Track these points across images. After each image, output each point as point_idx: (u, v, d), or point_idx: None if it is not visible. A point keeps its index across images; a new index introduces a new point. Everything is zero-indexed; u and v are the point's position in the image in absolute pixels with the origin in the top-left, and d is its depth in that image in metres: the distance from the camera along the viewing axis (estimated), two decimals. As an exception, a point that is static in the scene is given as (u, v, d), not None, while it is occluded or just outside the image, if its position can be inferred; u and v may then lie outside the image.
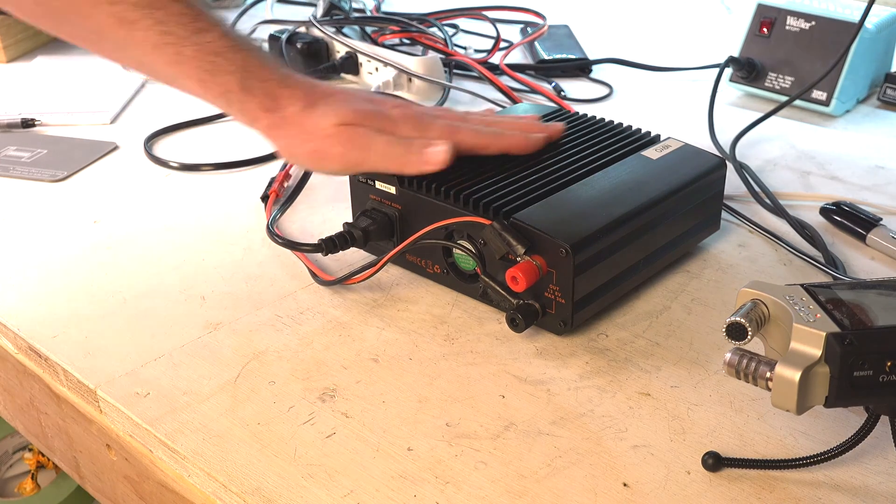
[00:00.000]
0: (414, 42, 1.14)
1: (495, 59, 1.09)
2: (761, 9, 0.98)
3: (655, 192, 0.65)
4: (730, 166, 0.83)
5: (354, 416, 0.54)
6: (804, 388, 0.45)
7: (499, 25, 1.17)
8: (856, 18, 0.90)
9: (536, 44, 1.13)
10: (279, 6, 1.29)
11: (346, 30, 1.13)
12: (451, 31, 1.21)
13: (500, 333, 0.61)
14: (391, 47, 1.08)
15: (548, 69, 1.08)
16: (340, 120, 0.64)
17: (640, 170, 0.67)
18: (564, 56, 1.10)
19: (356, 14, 1.22)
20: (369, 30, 1.15)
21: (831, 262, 0.68)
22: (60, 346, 0.61)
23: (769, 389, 0.46)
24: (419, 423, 0.53)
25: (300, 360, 0.59)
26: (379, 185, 0.66)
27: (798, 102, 0.95)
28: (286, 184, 0.80)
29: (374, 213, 0.66)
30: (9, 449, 1.26)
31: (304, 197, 0.79)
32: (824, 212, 0.75)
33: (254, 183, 0.83)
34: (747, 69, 0.98)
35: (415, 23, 1.14)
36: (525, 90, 1.02)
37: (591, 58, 1.10)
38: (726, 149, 0.86)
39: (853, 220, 0.73)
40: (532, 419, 0.54)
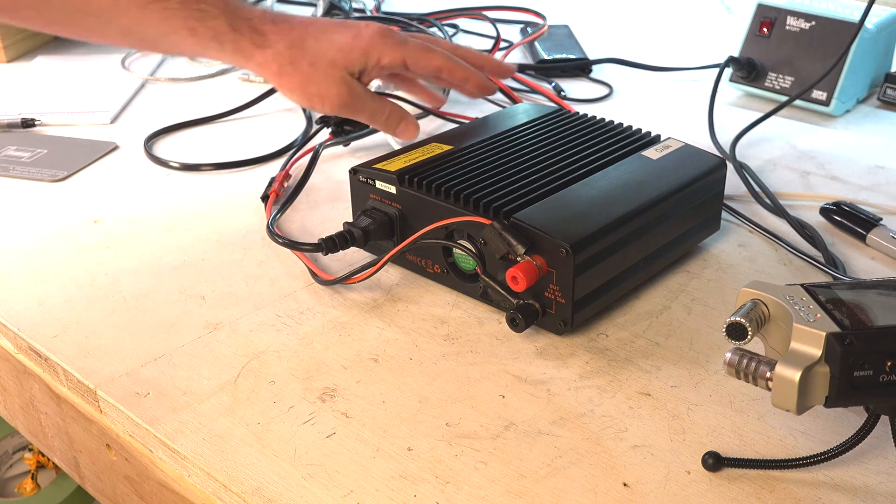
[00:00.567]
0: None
1: (501, 59, 1.08)
2: (761, 9, 0.98)
3: (655, 192, 0.65)
4: (730, 166, 0.83)
5: (354, 416, 0.54)
6: (804, 388, 0.45)
7: (499, 25, 1.17)
8: (856, 18, 0.90)
9: (536, 44, 1.13)
10: (279, 6, 1.29)
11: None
12: (451, 31, 1.21)
13: (500, 333, 0.61)
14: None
15: (548, 69, 1.08)
16: (332, 62, 0.69)
17: (640, 170, 0.67)
18: (564, 56, 1.10)
19: (356, 14, 1.22)
20: None
21: (831, 262, 0.68)
22: (60, 346, 0.61)
23: (769, 389, 0.46)
24: (419, 423, 0.53)
25: (300, 360, 0.59)
26: (379, 184, 0.66)
27: (798, 102, 0.95)
28: (286, 184, 0.80)
29: (375, 212, 0.66)
30: (9, 449, 1.26)
31: (304, 196, 0.79)
32: (824, 212, 0.75)
33: (254, 183, 0.83)
34: (747, 69, 0.98)
35: (415, 23, 1.14)
36: (525, 90, 1.02)
37: (591, 58, 1.10)
38: (726, 149, 0.86)
39: (853, 220, 0.73)
40: (532, 419, 0.54)
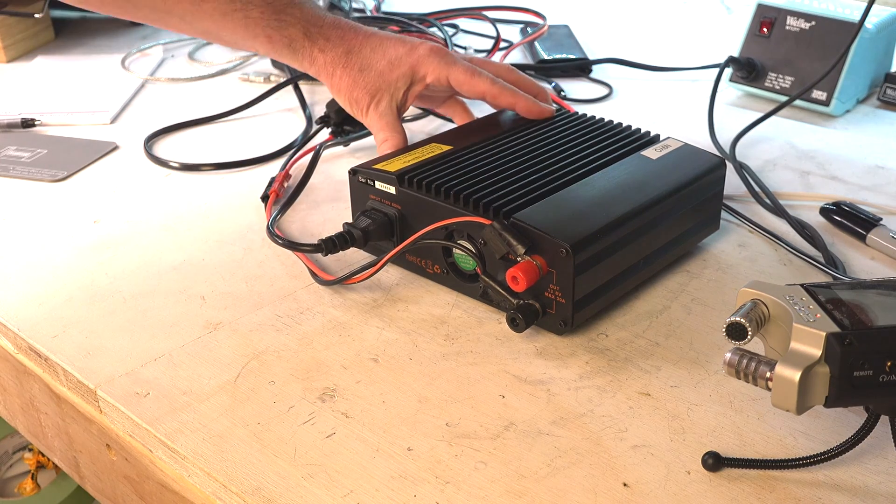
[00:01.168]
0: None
1: (496, 59, 1.09)
2: (761, 9, 0.98)
3: (655, 192, 0.65)
4: (729, 166, 0.83)
5: (354, 416, 0.54)
6: (804, 388, 0.45)
7: (499, 26, 1.17)
8: (856, 18, 0.90)
9: (536, 44, 1.13)
10: None
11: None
12: (451, 31, 1.21)
13: (500, 333, 0.61)
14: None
15: (548, 69, 1.08)
16: (380, 73, 0.74)
17: (639, 170, 0.67)
18: (564, 56, 1.10)
19: (356, 14, 1.22)
20: None
21: (831, 261, 0.68)
22: (60, 346, 0.61)
23: (769, 389, 0.46)
24: (419, 423, 0.53)
25: (300, 360, 0.59)
26: (378, 184, 0.66)
27: (798, 102, 0.95)
28: (286, 184, 0.80)
29: (374, 213, 0.66)
30: (9, 449, 1.26)
31: (305, 196, 0.79)
32: (824, 212, 0.75)
33: (254, 183, 0.83)
34: (747, 69, 0.98)
35: (415, 23, 1.14)
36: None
37: (591, 58, 1.10)
38: (726, 149, 0.86)
39: (853, 220, 0.73)
40: (532, 419, 0.54)
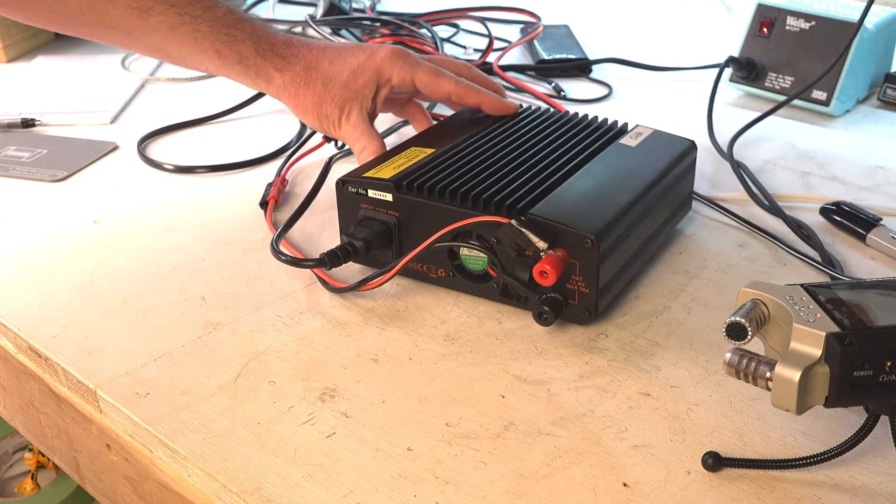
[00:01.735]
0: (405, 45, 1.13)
1: (496, 59, 1.08)
2: (761, 9, 0.98)
3: (649, 176, 0.67)
4: (727, 165, 0.84)
5: (354, 416, 0.54)
6: (804, 388, 0.45)
7: (499, 26, 1.17)
8: (856, 18, 0.90)
9: (536, 44, 1.13)
10: (280, 6, 1.28)
11: (345, 31, 1.13)
12: (451, 30, 1.21)
13: (500, 333, 0.61)
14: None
15: (548, 69, 1.08)
16: (344, 84, 0.73)
17: (626, 157, 0.69)
18: (564, 56, 1.10)
19: (356, 14, 1.22)
20: (358, 31, 1.14)
21: (828, 261, 0.68)
22: (60, 346, 0.61)
23: (769, 389, 0.46)
24: (419, 423, 0.53)
25: (300, 360, 0.59)
26: (372, 193, 0.65)
27: (798, 102, 0.95)
28: (285, 189, 0.80)
29: (371, 222, 0.65)
30: (9, 449, 1.26)
31: (302, 200, 0.78)
32: (824, 212, 0.75)
33: (254, 182, 0.83)
34: (747, 69, 0.98)
35: (406, 24, 1.14)
36: (515, 90, 1.02)
37: (591, 58, 1.10)
38: (724, 148, 0.86)
39: (853, 220, 0.73)
40: (532, 419, 0.54)
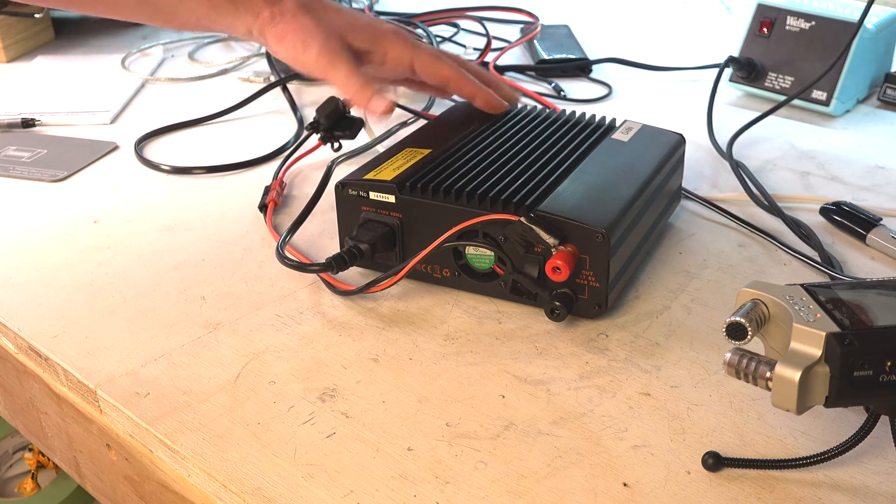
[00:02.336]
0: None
1: (498, 60, 1.08)
2: (761, 9, 0.98)
3: (646, 171, 0.67)
4: (726, 165, 0.84)
5: (354, 416, 0.54)
6: (804, 388, 0.45)
7: (499, 26, 1.17)
8: (856, 18, 0.90)
9: (536, 44, 1.13)
10: None
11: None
12: (451, 30, 1.21)
13: (500, 333, 0.61)
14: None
15: (548, 69, 1.08)
16: (337, 29, 0.71)
17: (621, 152, 0.70)
18: (564, 56, 1.10)
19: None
20: None
21: (827, 261, 0.68)
22: (60, 346, 0.61)
23: (769, 389, 0.46)
24: (419, 423, 0.53)
25: (300, 360, 0.59)
26: (374, 195, 0.64)
27: (798, 102, 0.95)
28: (283, 192, 0.80)
29: (373, 224, 0.65)
30: (9, 449, 1.26)
31: (301, 203, 0.77)
32: (824, 212, 0.75)
33: (253, 183, 0.83)
34: (747, 69, 0.98)
35: (403, 24, 1.13)
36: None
37: (591, 58, 1.10)
38: (724, 148, 0.86)
39: (853, 220, 0.73)
40: (532, 419, 0.54)
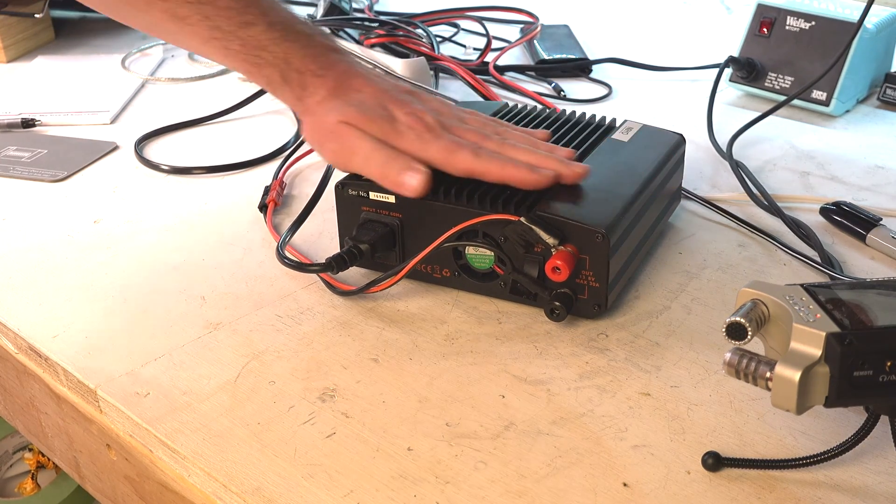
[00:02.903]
0: (400, 45, 1.13)
1: (498, 60, 1.08)
2: (761, 9, 0.98)
3: (646, 171, 0.67)
4: (726, 165, 0.84)
5: (354, 416, 0.54)
6: (804, 388, 0.45)
7: (499, 26, 1.17)
8: (856, 18, 0.90)
9: (536, 44, 1.12)
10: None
11: (343, 31, 1.13)
12: (451, 30, 1.20)
13: (500, 333, 0.61)
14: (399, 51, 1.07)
15: (547, 69, 1.08)
16: (342, 118, 0.65)
17: (621, 153, 0.70)
18: (564, 56, 1.10)
19: (357, 15, 1.22)
20: (355, 31, 1.14)
21: (827, 261, 0.68)
22: (60, 346, 0.61)
23: (769, 389, 0.46)
24: (419, 423, 0.53)
25: (300, 360, 0.59)
26: (374, 195, 0.64)
27: (798, 102, 0.95)
28: (283, 192, 0.80)
29: (373, 224, 0.65)
30: (9, 449, 1.26)
31: (301, 203, 0.77)
32: (824, 212, 0.75)
33: (253, 183, 0.83)
34: (747, 69, 0.98)
35: (402, 24, 1.13)
36: (510, 91, 1.02)
37: (591, 58, 1.10)
38: (724, 148, 0.86)
39: (853, 220, 0.73)
40: (532, 419, 0.54)
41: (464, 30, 1.22)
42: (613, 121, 0.75)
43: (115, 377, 0.58)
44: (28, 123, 0.95)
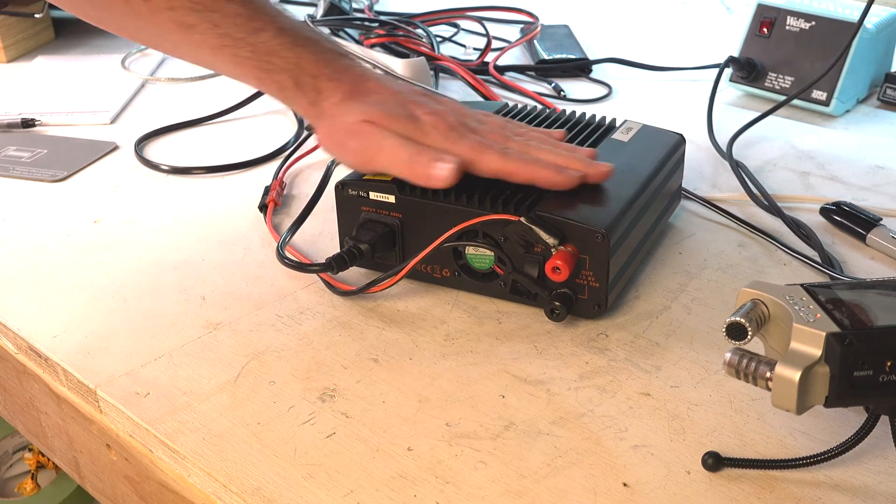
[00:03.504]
0: (400, 45, 1.13)
1: (498, 60, 1.08)
2: (761, 9, 0.98)
3: (646, 171, 0.67)
4: (726, 165, 0.84)
5: (354, 416, 0.54)
6: (804, 388, 0.45)
7: (499, 26, 1.17)
8: (856, 18, 0.90)
9: (536, 44, 1.12)
10: (279, 4, 1.28)
11: (343, 31, 1.13)
12: (452, 30, 1.20)
13: (500, 333, 0.61)
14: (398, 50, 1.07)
15: (548, 69, 1.08)
16: (365, 117, 0.64)
17: (621, 153, 0.70)
18: (564, 56, 1.10)
19: (357, 15, 1.22)
20: (355, 31, 1.14)
21: (827, 261, 0.68)
22: (60, 346, 0.61)
23: (769, 389, 0.46)
24: (419, 423, 0.53)
25: (300, 360, 0.59)
26: (374, 195, 0.64)
27: (798, 102, 0.95)
28: (283, 192, 0.80)
29: (373, 224, 0.65)
30: (9, 449, 1.26)
31: (301, 203, 0.77)
32: (824, 212, 0.75)
33: (253, 183, 0.83)
34: (747, 69, 0.98)
35: (402, 24, 1.13)
36: (510, 91, 1.02)
37: (591, 58, 1.10)
38: (724, 148, 0.86)
39: (853, 220, 0.73)
40: (532, 419, 0.54)
41: (464, 30, 1.22)
42: (613, 121, 0.75)
43: (115, 377, 0.58)
44: (28, 123, 0.95)
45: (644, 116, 0.79)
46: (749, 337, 0.46)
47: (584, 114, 0.76)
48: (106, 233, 0.75)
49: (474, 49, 1.15)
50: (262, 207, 0.77)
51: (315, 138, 0.68)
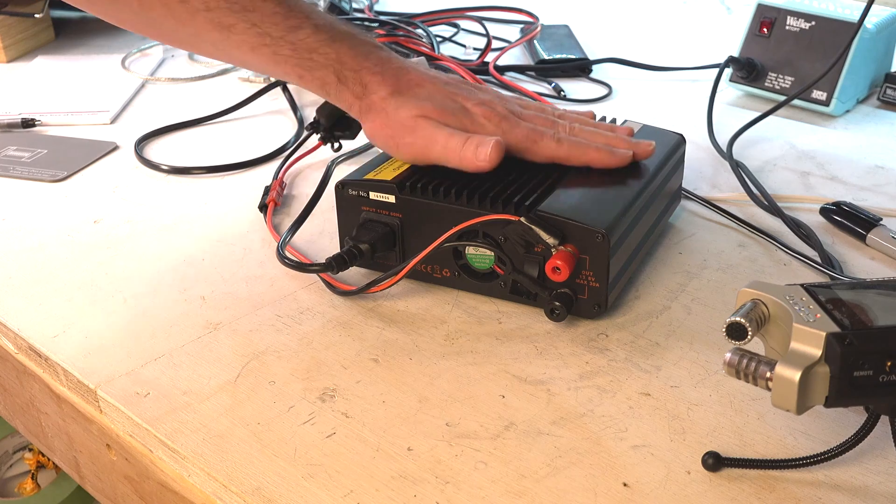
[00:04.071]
0: (400, 45, 1.13)
1: (498, 60, 1.08)
2: (761, 9, 0.98)
3: (647, 170, 0.67)
4: (726, 165, 0.84)
5: (354, 416, 0.54)
6: (804, 388, 0.45)
7: (499, 26, 1.17)
8: (856, 18, 0.90)
9: (536, 44, 1.12)
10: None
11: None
12: (452, 30, 1.20)
13: (500, 333, 0.61)
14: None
15: (548, 69, 1.08)
16: (419, 112, 0.65)
17: None
18: (564, 56, 1.10)
19: (357, 15, 1.22)
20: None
21: (827, 261, 0.68)
22: (60, 346, 0.61)
23: (769, 389, 0.46)
24: (419, 423, 0.53)
25: (300, 360, 0.59)
26: (374, 195, 0.64)
27: (798, 102, 0.95)
28: (283, 192, 0.80)
29: (373, 224, 0.65)
30: (9, 449, 1.26)
31: (301, 203, 0.77)
32: (824, 212, 0.75)
33: (253, 183, 0.83)
34: (747, 69, 0.98)
35: (402, 24, 1.13)
36: (510, 91, 1.02)
37: (591, 58, 1.10)
38: (724, 148, 0.86)
39: (853, 220, 0.73)
40: (532, 419, 0.54)
41: (464, 30, 1.22)
42: (614, 121, 0.75)
43: (115, 377, 0.58)
44: (28, 123, 0.95)
45: (644, 116, 0.79)
46: (749, 337, 0.46)
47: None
48: (106, 233, 0.75)
49: (474, 49, 1.15)
50: (262, 207, 0.77)
51: (364, 130, 0.69)
